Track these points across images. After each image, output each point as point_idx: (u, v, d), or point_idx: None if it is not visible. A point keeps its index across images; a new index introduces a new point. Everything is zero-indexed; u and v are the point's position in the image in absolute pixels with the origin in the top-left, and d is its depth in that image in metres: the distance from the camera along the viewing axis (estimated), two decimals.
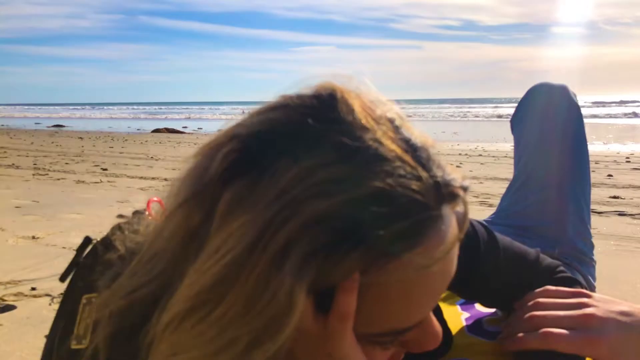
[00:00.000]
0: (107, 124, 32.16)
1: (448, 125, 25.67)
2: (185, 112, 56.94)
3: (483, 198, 4.88)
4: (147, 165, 7.65)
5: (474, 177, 6.65)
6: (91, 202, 4.24)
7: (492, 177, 6.42)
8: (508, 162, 8.64)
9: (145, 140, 15.58)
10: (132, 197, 4.42)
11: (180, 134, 20.52)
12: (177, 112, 61.07)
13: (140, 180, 5.71)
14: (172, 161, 8.63)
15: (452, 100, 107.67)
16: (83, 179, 5.75)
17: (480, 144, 13.56)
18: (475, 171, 7.21)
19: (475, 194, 5.13)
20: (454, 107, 61.29)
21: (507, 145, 13.50)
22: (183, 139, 16.67)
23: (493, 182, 5.90)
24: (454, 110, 52.38)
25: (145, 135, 19.38)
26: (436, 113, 45.31)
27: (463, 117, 36.57)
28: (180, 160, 0.65)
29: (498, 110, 45.33)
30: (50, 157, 8.94)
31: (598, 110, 40.88)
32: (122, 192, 4.64)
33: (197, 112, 58.47)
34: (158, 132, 21.97)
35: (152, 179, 5.85)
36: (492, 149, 12.11)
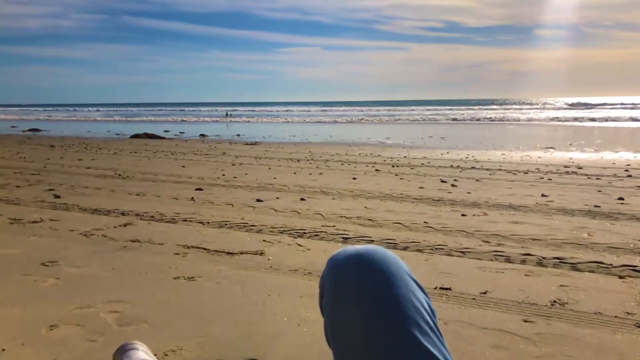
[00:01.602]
0: (87, 127, 30.66)
1: (435, 129, 25.01)
2: (168, 114, 55.48)
3: (495, 245, 3.62)
4: (109, 189, 6.61)
5: (475, 204, 5.73)
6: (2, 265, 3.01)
7: (495, 204, 5.48)
8: (505, 177, 7.84)
9: (121, 149, 14.42)
10: (67, 252, 3.26)
11: (159, 140, 19.34)
12: (160, 114, 59.50)
13: (90, 217, 4.70)
14: (140, 181, 7.58)
15: (437, 101, 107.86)
16: (22, 215, 4.68)
17: (471, 152, 12.80)
18: (474, 193, 6.37)
19: (484, 233, 4.20)
20: (439, 109, 61.05)
21: (498, 154, 12.78)
22: (161, 146, 15.56)
23: (498, 212, 4.97)
24: (439, 112, 52.03)
25: (123, 142, 18.16)
26: (422, 115, 44.81)
27: (449, 119, 36.05)
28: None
29: (483, 113, 45.16)
30: (3, 177, 7.84)
31: (579, 113, 40.91)
32: (59, 241, 3.55)
33: (181, 114, 56.96)
34: (137, 137, 20.80)
35: (106, 212, 4.82)
36: (484, 159, 11.33)
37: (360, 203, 5.60)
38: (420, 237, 3.96)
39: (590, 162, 10.60)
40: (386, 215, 4.89)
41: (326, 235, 3.99)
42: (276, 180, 7.59)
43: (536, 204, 5.59)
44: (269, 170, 9.07)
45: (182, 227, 4.30)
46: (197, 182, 7.46)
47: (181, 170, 8.98)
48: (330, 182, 7.40)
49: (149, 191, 6.50)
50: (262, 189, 6.72)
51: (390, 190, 6.58)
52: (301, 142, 18.00)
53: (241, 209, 5.21)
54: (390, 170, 9.23)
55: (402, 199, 5.89)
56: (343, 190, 6.57)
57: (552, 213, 5.06)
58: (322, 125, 33.79)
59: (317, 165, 10.00)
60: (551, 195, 6.19)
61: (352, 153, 12.98)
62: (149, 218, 4.72)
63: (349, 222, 4.54)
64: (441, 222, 4.57)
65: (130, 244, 3.67)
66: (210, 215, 4.84)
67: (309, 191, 6.52)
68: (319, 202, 5.68)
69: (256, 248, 3.53)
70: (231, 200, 5.75)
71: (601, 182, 7.56)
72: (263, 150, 13.91)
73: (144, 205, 5.38)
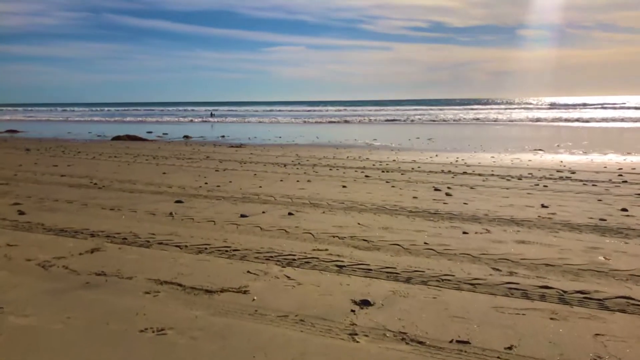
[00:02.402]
0: (68, 128, 29.60)
1: (421, 130, 24.70)
2: (152, 114, 54.24)
3: (507, 274, 3.24)
4: (82, 203, 6.01)
5: (474, 218, 5.32)
6: None
7: (495, 217, 5.06)
8: (499, 184, 7.41)
9: (100, 152, 13.72)
10: (17, 293, 2.72)
11: (141, 142, 18.62)
12: (144, 114, 58.19)
13: (54, 241, 4.14)
14: (116, 191, 6.98)
15: (422, 101, 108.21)
16: None
17: (460, 155, 12.46)
18: (471, 204, 5.97)
19: (491, 257, 3.78)
20: (424, 109, 60.93)
21: (488, 157, 12.46)
22: (143, 149, 14.89)
23: (500, 229, 4.55)
24: (424, 112, 51.89)
25: (103, 144, 17.40)
26: (408, 115, 44.58)
27: (435, 120, 35.82)
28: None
29: (468, 113, 45.10)
30: None
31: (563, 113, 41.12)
32: (11, 276, 2.90)
33: (165, 114, 55.77)
34: (119, 139, 20.04)
35: (73, 234, 4.24)
36: (474, 163, 10.99)
37: (353, 218, 5.15)
38: (423, 263, 3.52)
39: (581, 165, 10.33)
40: (382, 233, 4.44)
41: (318, 263, 3.52)
42: (262, 190, 7.10)
43: (538, 217, 5.20)
44: (254, 177, 8.57)
45: (156, 253, 3.79)
46: (177, 192, 6.93)
47: (161, 178, 8.41)
48: (320, 191, 6.94)
49: (124, 204, 5.95)
50: (246, 201, 6.22)
51: (383, 201, 6.15)
52: (287, 144, 17.49)
53: (223, 227, 4.71)
54: (381, 176, 8.81)
55: (397, 212, 5.46)
56: (333, 202, 6.11)
57: (557, 229, 4.68)
58: (308, 125, 33.31)
59: (304, 171, 9.53)
60: (552, 206, 5.82)
61: (340, 156, 12.52)
62: (120, 241, 4.19)
63: (343, 244, 4.09)
64: (442, 242, 4.14)
65: (94, 278, 3.15)
66: (189, 236, 4.33)
67: (297, 203, 6.05)
68: (308, 217, 5.21)
69: (239, 283, 3.04)
70: (213, 216, 5.25)
71: (598, 189, 7.25)
72: (248, 154, 13.37)
73: (117, 224, 4.84)
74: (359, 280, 3.09)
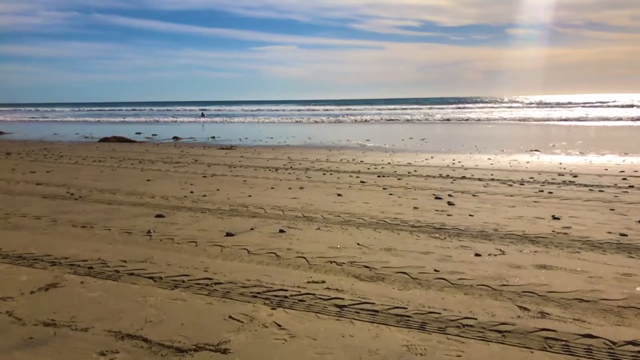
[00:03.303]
0: (55, 129, 28.68)
1: (414, 129, 24.19)
2: (142, 114, 53.13)
3: (537, 315, 2.73)
4: (52, 218, 5.33)
5: (484, 234, 4.78)
6: None
7: (506, 233, 4.47)
8: (501, 190, 6.87)
9: (85, 156, 13.00)
10: None
11: (129, 144, 17.89)
12: (134, 113, 57.05)
13: (7, 272, 3.52)
14: (93, 203, 6.28)
15: (414, 100, 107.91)
16: None
17: (456, 157, 11.95)
18: (477, 216, 5.43)
19: (513, 290, 3.24)
20: (416, 108, 60.35)
21: (484, 159, 11.97)
22: (130, 152, 14.18)
23: (515, 249, 3.96)
24: (416, 111, 51.39)
25: (89, 146, 16.63)
26: (400, 114, 44.10)
27: (427, 119, 35.29)
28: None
29: (460, 112, 44.61)
30: None
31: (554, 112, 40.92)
32: None
33: (155, 114, 54.70)
34: (106, 141, 19.27)
35: (31, 262, 3.60)
36: (472, 165, 10.49)
37: (351, 236, 4.57)
38: (438, 300, 2.96)
39: (581, 167, 9.86)
40: (385, 257, 3.87)
41: (314, 302, 2.94)
42: (251, 200, 6.50)
43: (552, 232, 4.67)
44: (243, 184, 7.96)
45: (124, 289, 3.18)
46: (159, 203, 6.30)
47: (145, 186, 7.77)
48: (313, 201, 6.36)
49: (99, 220, 5.32)
50: (234, 214, 5.62)
51: (382, 213, 5.58)
52: (279, 145, 16.88)
53: (206, 250, 4.11)
54: (377, 181, 8.25)
55: (398, 227, 4.90)
56: (329, 214, 5.53)
57: (577, 247, 4.14)
58: (300, 125, 32.70)
59: (297, 176, 8.94)
60: (563, 218, 5.30)
61: (333, 159, 11.95)
62: (85, 271, 3.57)
63: (341, 272, 3.51)
64: (454, 268, 3.59)
65: (41, 331, 2.54)
66: (165, 264, 3.72)
67: (289, 216, 5.46)
68: (301, 234, 4.63)
69: (219, 337, 2.45)
70: (195, 235, 4.64)
71: (606, 195, 6.76)
72: (238, 157, 12.74)
73: (85, 247, 4.21)
74: (364, 329, 2.51)
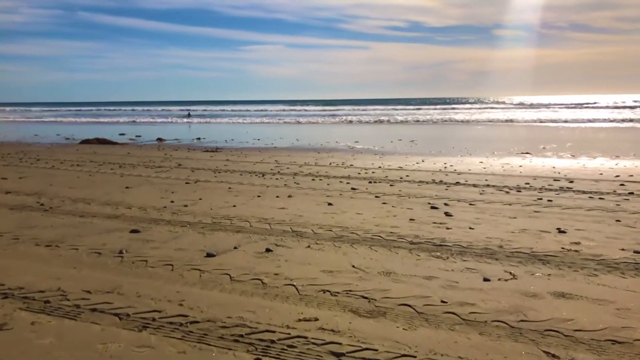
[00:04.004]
0: (36, 130, 27.63)
1: (403, 130, 23.83)
2: (127, 114, 51.90)
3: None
4: (14, 235, 4.74)
5: (489, 252, 4.36)
6: None
7: (512, 251, 4.09)
8: (498, 198, 6.47)
9: (63, 160, 12.31)
10: None
11: (111, 146, 17.16)
12: (119, 113, 55.75)
13: None
14: (64, 215, 5.68)
15: (401, 100, 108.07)
16: None
17: (447, 161, 11.58)
18: (478, 229, 5.02)
19: (534, 326, 2.80)
20: (403, 108, 60.05)
21: (476, 162, 11.62)
22: (111, 154, 13.51)
23: (526, 271, 3.60)
24: (404, 111, 51.13)
25: (69, 149, 15.87)
26: (387, 115, 43.79)
27: (415, 120, 34.94)
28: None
29: (447, 113, 44.37)
30: None
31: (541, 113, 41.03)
32: None
33: (140, 114, 53.51)
34: (87, 143, 18.49)
35: None
36: (464, 169, 10.12)
37: (345, 256, 4.11)
38: (450, 344, 2.51)
39: (575, 172, 9.57)
40: (384, 283, 3.42)
41: (306, 348, 2.47)
42: (236, 210, 6.00)
43: (562, 249, 4.28)
44: (228, 192, 7.45)
45: (81, 333, 2.67)
46: (136, 215, 5.76)
47: (122, 195, 7.21)
48: (303, 211, 5.89)
49: (67, 236, 4.77)
50: (216, 228, 5.12)
51: (377, 226, 5.14)
52: (266, 147, 16.35)
53: (183, 277, 3.60)
54: (368, 188, 7.81)
55: (396, 244, 4.45)
56: (319, 228, 5.07)
57: (593, 268, 3.75)
58: (287, 126, 32.19)
59: (285, 182, 8.46)
60: (569, 231, 4.92)
61: (322, 162, 11.48)
62: (40, 306, 3.04)
63: (336, 306, 3.05)
64: (463, 297, 3.15)
65: None
66: (134, 295, 3.22)
67: (276, 231, 4.98)
68: (290, 254, 4.15)
69: None
70: (172, 255, 4.13)
71: (607, 203, 6.42)
72: (224, 160, 12.20)
73: (45, 273, 3.67)
74: None
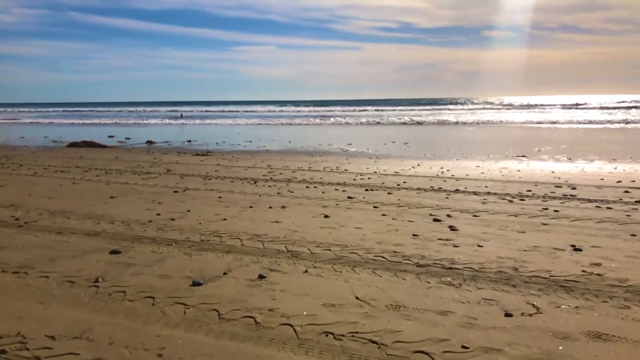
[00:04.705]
0: (23, 132, 26.80)
1: (396, 132, 23.43)
2: (118, 116, 50.84)
3: None
4: None
5: (504, 277, 3.91)
6: None
7: (529, 275, 3.69)
8: (502, 208, 5.98)
9: (47, 165, 11.68)
10: None
11: (99, 150, 16.51)
12: (111, 114, 54.62)
13: None
14: (39, 232, 5.09)
15: (392, 101, 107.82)
16: None
17: (444, 165, 11.18)
18: (488, 246, 4.55)
19: None
20: (395, 109, 59.48)
21: (473, 166, 11.25)
22: (98, 159, 12.89)
23: (549, 302, 3.20)
24: (396, 112, 50.73)
25: (55, 153, 15.21)
26: (380, 115, 43.37)
27: (407, 121, 34.49)
28: None
29: (439, 114, 43.90)
30: None
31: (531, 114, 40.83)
32: None
33: (131, 115, 52.44)
34: (75, 146, 17.83)
35: None
36: (462, 175, 9.71)
37: (347, 284, 3.66)
38: None
39: (576, 177, 9.23)
40: (395, 321, 2.98)
41: None
42: (226, 225, 5.53)
43: (583, 272, 3.87)
44: (218, 202, 6.96)
45: None
46: (118, 232, 5.26)
47: (106, 206, 6.69)
48: (298, 225, 5.44)
49: (39, 261, 4.26)
50: (205, 247, 4.64)
51: (379, 244, 4.70)
52: (258, 150, 15.87)
53: (165, 314, 3.12)
54: (365, 197, 7.38)
55: (401, 267, 4.02)
56: (316, 246, 4.61)
57: (621, 297, 3.34)
58: (279, 128, 31.70)
59: (278, 190, 8.00)
60: (585, 249, 4.53)
61: (316, 167, 11.03)
62: None
63: (342, 354, 2.59)
64: (487, 341, 2.72)
65: None
66: (106, 342, 2.73)
67: (270, 250, 4.52)
68: (286, 281, 3.70)
69: None
70: (154, 284, 3.65)
71: (616, 213, 6.06)
72: (214, 165, 11.69)
73: (6, 311, 3.17)
74: None
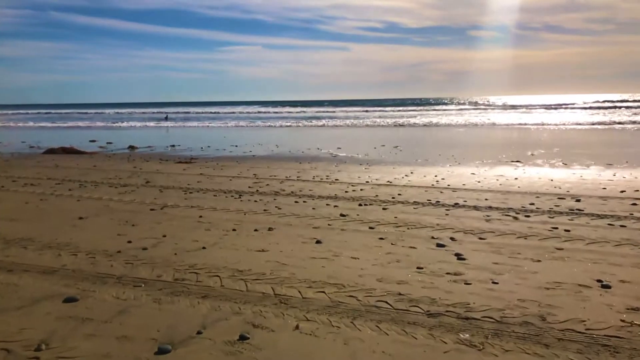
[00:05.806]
0: (0, 136, 25.54)
1: (385, 135, 22.81)
2: (101, 118, 49.15)
3: None
4: None
5: (530, 330, 3.27)
6: None
7: (562, 327, 2.97)
8: (508, 227, 5.34)
9: (17, 177, 10.72)
10: None
11: (77, 156, 15.51)
12: (94, 117, 52.83)
13: None
14: None
15: (379, 101, 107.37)
16: None
17: (437, 172, 10.57)
18: (503, 283, 3.93)
19: None
20: (382, 110, 58.58)
21: (468, 174, 10.67)
22: (74, 167, 11.95)
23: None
24: (384, 113, 49.91)
25: (29, 161, 14.18)
26: (367, 116, 42.72)
27: (396, 123, 33.78)
28: None
29: (427, 115, 43.28)
30: None
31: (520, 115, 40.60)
32: None
33: (114, 117, 50.67)
34: (52, 152, 16.78)
35: None
36: (458, 185, 9.11)
37: (346, 346, 2.97)
38: None
39: (577, 186, 8.69)
40: None
41: None
42: (205, 256, 4.80)
43: (623, 324, 3.25)
44: (198, 225, 6.21)
45: None
46: (80, 268, 4.48)
47: (72, 231, 5.90)
48: (286, 256, 4.73)
49: None
50: (178, 290, 3.90)
51: (380, 282, 4.03)
52: (244, 156, 15.09)
53: None
54: (360, 215, 6.70)
55: (410, 319, 3.34)
56: (309, 287, 3.92)
57: None
58: (266, 130, 30.89)
59: (264, 206, 7.28)
60: (613, 284, 3.93)
61: (305, 176, 10.32)
62: None
63: None
64: None
65: None
66: None
67: (253, 295, 3.80)
68: (273, 346, 2.99)
69: None
70: (111, 351, 2.90)
71: (632, 233, 5.51)
72: (197, 174, 10.89)
73: None
74: None
